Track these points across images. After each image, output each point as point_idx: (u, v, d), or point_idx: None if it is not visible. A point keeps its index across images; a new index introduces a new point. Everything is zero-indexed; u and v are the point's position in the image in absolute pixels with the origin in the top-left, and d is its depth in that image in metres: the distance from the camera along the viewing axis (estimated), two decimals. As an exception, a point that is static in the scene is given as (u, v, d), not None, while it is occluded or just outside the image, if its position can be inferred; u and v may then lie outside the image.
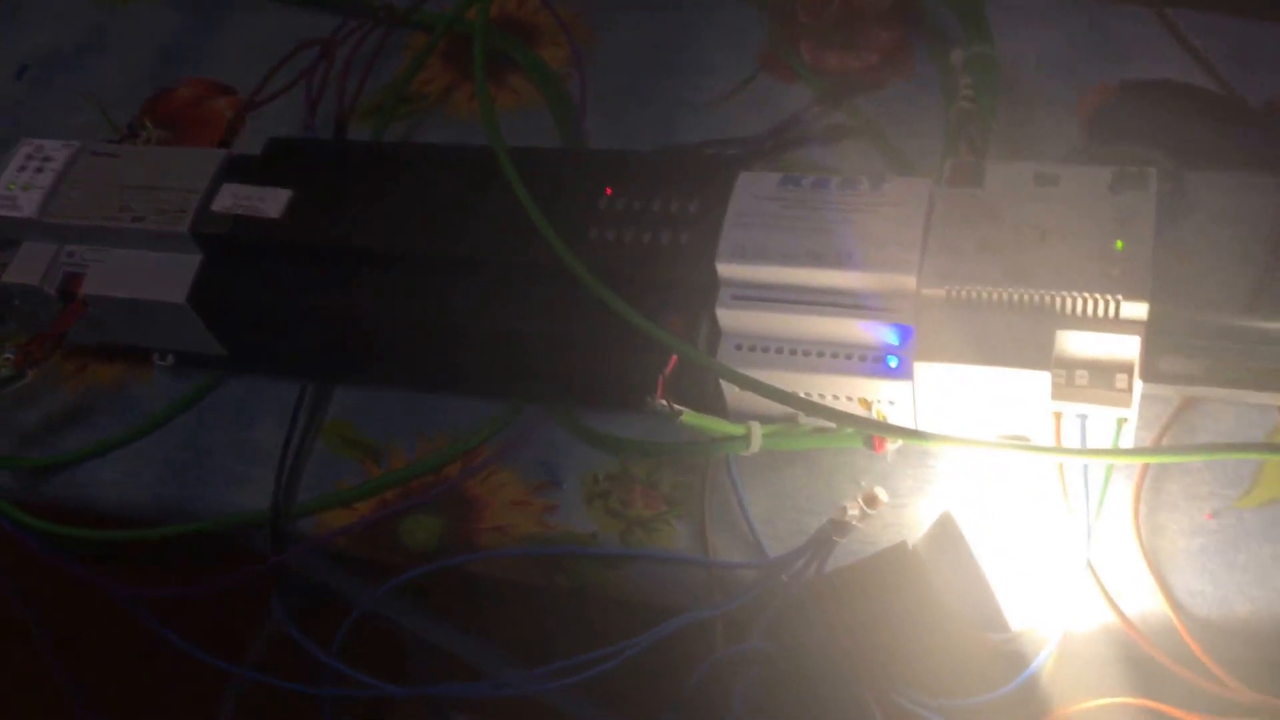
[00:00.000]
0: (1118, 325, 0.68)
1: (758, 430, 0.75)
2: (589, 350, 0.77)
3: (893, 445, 0.76)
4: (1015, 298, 0.69)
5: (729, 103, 0.94)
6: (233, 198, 0.80)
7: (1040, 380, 0.68)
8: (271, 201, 0.79)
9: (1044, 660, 0.67)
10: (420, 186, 0.81)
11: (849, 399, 0.74)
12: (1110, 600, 0.69)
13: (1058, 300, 0.69)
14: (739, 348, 0.75)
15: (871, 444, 0.76)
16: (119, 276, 0.81)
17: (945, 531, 0.70)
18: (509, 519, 0.80)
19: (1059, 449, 0.69)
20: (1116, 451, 0.68)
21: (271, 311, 0.80)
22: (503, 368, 0.81)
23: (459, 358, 0.81)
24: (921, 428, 0.74)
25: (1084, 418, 0.70)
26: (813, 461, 0.78)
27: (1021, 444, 0.70)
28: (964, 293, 0.70)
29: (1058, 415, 0.70)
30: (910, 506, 0.75)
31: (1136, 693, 0.67)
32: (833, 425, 0.73)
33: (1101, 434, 0.70)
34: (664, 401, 0.72)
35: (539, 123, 0.96)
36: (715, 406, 0.77)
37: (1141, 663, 0.68)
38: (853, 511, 0.72)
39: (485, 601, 0.79)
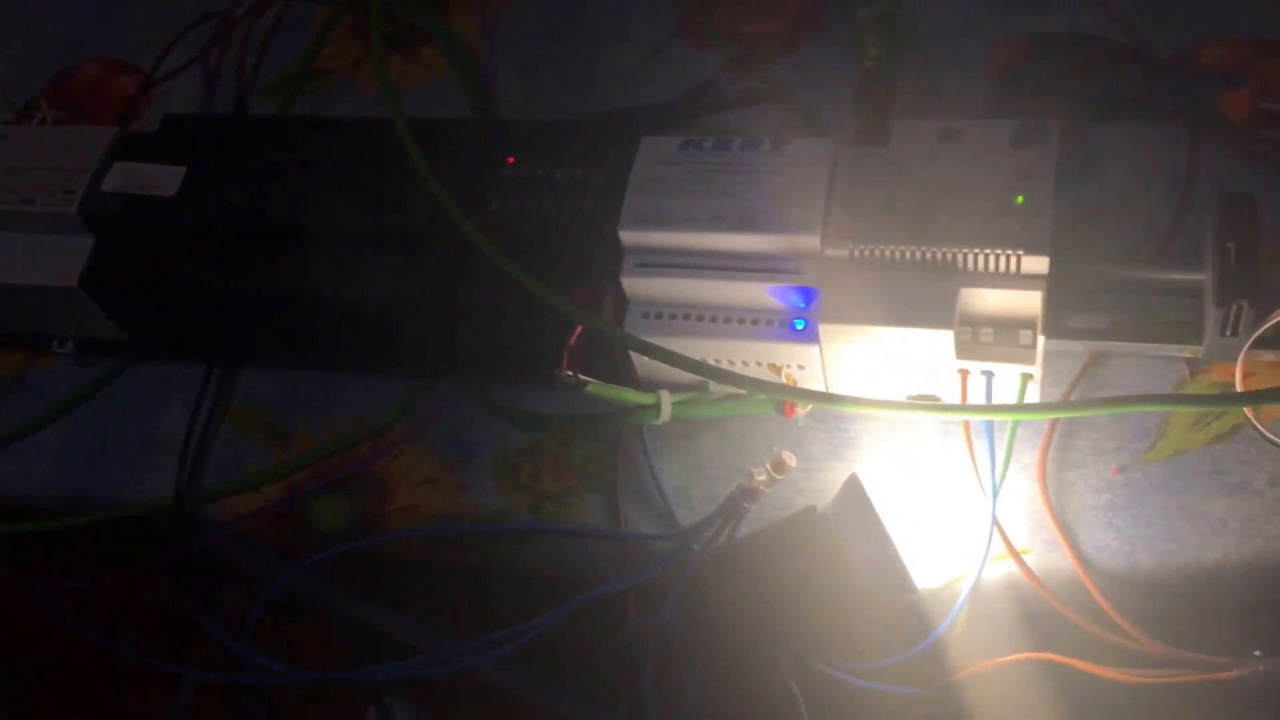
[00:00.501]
0: (1019, 281, 0.68)
1: (667, 399, 0.74)
2: (493, 324, 0.76)
3: (804, 410, 0.76)
4: (918, 256, 0.69)
5: (643, 70, 0.93)
6: (125, 176, 0.78)
7: (944, 339, 0.68)
8: (166, 180, 0.77)
9: (952, 619, 0.67)
10: (320, 161, 0.79)
11: (758, 364, 0.73)
12: (1017, 557, 0.68)
13: (960, 258, 0.68)
14: (646, 316, 0.74)
15: (782, 409, 0.75)
16: (8, 262, 0.79)
17: (852, 495, 0.69)
18: (420, 498, 0.79)
19: (962, 407, 0.69)
20: (1020, 408, 0.68)
21: (167, 294, 0.78)
22: (408, 345, 0.80)
23: (364, 336, 0.79)
24: (832, 390, 0.74)
25: (990, 375, 0.69)
26: (725, 429, 0.77)
27: (926, 404, 0.70)
28: (868, 252, 0.70)
29: (963, 373, 0.69)
30: (823, 470, 0.75)
31: (1045, 648, 0.66)
32: (743, 391, 0.73)
33: (1008, 391, 0.69)
34: (570, 373, 0.71)
35: (451, 94, 0.94)
36: (627, 377, 0.76)
37: (1049, 618, 0.67)
38: (760, 477, 0.71)
39: (396, 583, 0.78)
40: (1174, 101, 0.81)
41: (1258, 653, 0.63)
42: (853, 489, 0.69)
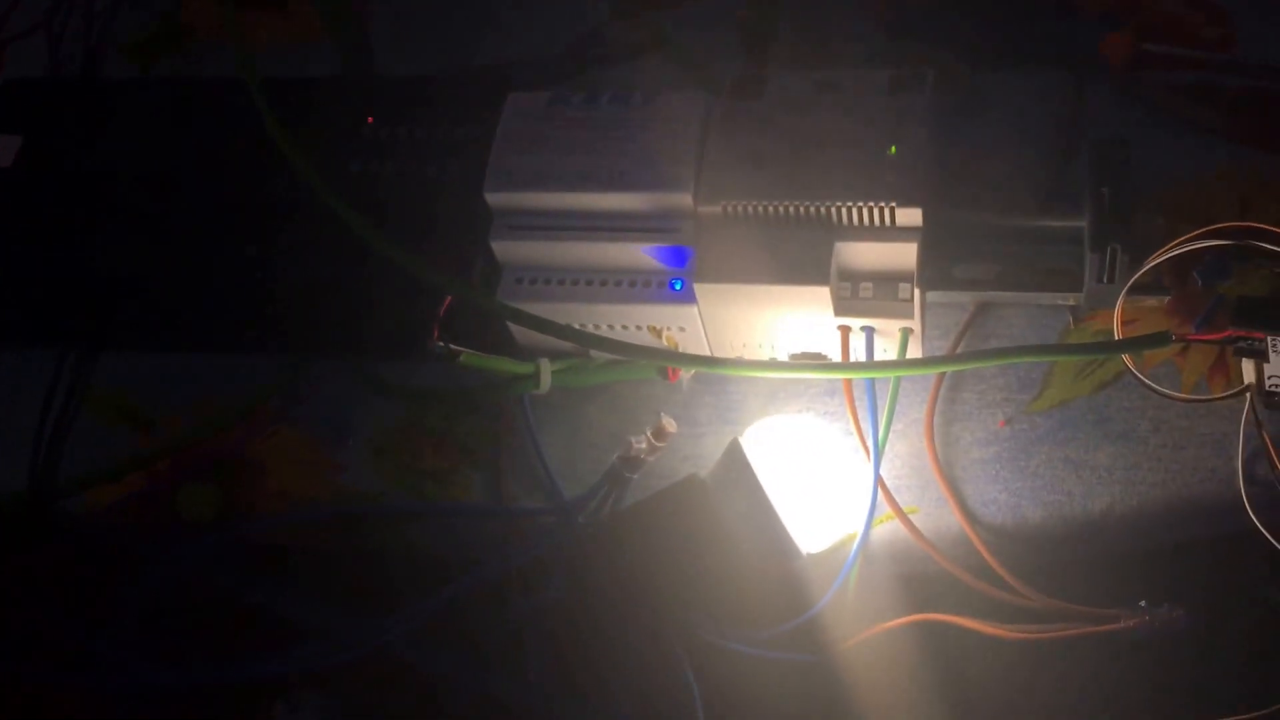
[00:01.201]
0: (894, 233, 0.66)
1: (546, 367, 0.72)
2: (359, 295, 0.73)
3: (687, 373, 0.74)
4: (793, 211, 0.67)
5: (528, 24, 0.89)
6: (-46, 148, 0.74)
7: (820, 295, 0.66)
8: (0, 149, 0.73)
9: (840, 584, 0.65)
10: (170, 126, 0.75)
11: (638, 327, 0.71)
12: (903, 517, 0.67)
13: (834, 211, 0.66)
14: (520, 281, 0.71)
15: (666, 373, 0.73)
16: None
17: (733, 460, 0.67)
18: (294, 482, 0.76)
19: (840, 366, 0.67)
20: (897, 364, 0.66)
21: (4, 273, 0.74)
22: (273, 319, 0.76)
23: (223, 312, 0.76)
24: (715, 351, 0.72)
25: (870, 330, 0.67)
26: (610, 396, 0.75)
27: (804, 364, 0.68)
28: (741, 208, 0.67)
29: (844, 330, 0.68)
30: (709, 435, 0.73)
31: (935, 608, 0.65)
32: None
33: (892, 346, 0.68)
34: (441, 344, 0.68)
35: (323, 52, 0.90)
36: (508, 345, 0.73)
37: (939, 578, 0.66)
38: (641, 445, 0.69)
39: (271, 572, 0.75)
40: (1057, 46, 0.79)
41: (1143, 603, 0.62)
42: (733, 454, 0.67)
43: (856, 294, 0.67)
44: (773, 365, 0.69)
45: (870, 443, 0.66)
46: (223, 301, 0.75)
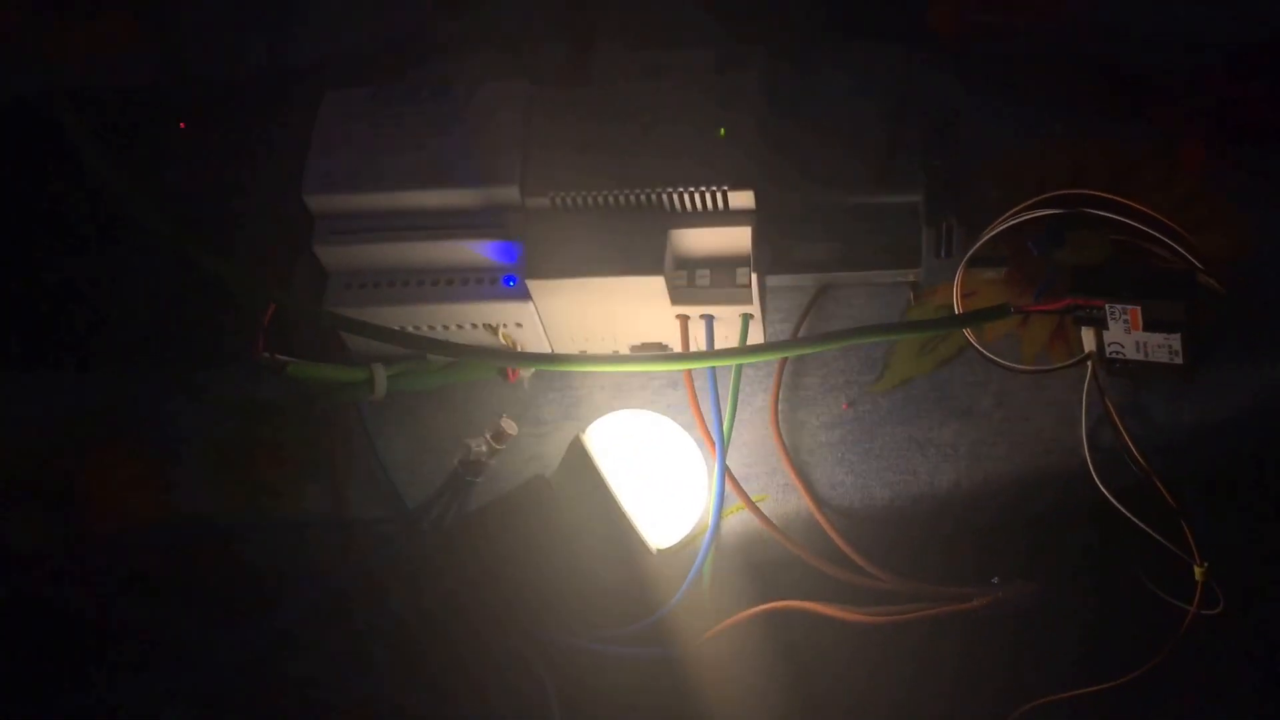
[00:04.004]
0: (728, 218, 0.64)
1: (381, 373, 0.69)
2: (180, 306, 0.69)
3: (527, 372, 0.71)
4: (623, 199, 0.65)
5: (342, 18, 0.86)
6: None
7: (656, 285, 0.64)
8: None
9: (693, 578, 0.64)
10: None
11: (474, 326, 0.68)
12: (752, 506, 0.66)
13: (665, 198, 0.64)
14: (349, 287, 0.68)
15: (505, 373, 0.71)
16: None
17: (576, 458, 0.65)
18: (124, 504, 0.72)
19: (677, 357, 0.65)
20: (732, 352, 0.64)
21: None
22: (91, 335, 0.72)
23: (40, 325, 0.72)
24: (555, 345, 0.70)
25: (710, 318, 0.66)
26: (449, 398, 0.72)
27: (641, 357, 0.66)
28: (570, 199, 0.65)
29: (682, 319, 0.66)
30: (555, 433, 0.71)
31: (791, 595, 0.64)
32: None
33: (733, 333, 0.66)
34: (267, 354, 0.65)
35: (136, 57, 0.86)
36: (341, 350, 0.70)
37: (792, 565, 0.65)
38: (480, 448, 0.67)
39: (104, 600, 0.71)
40: (885, 19, 0.78)
41: (996, 579, 0.62)
42: (576, 453, 0.65)
43: (694, 281, 0.65)
44: (609, 360, 0.67)
45: (715, 433, 0.65)
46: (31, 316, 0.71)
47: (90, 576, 0.72)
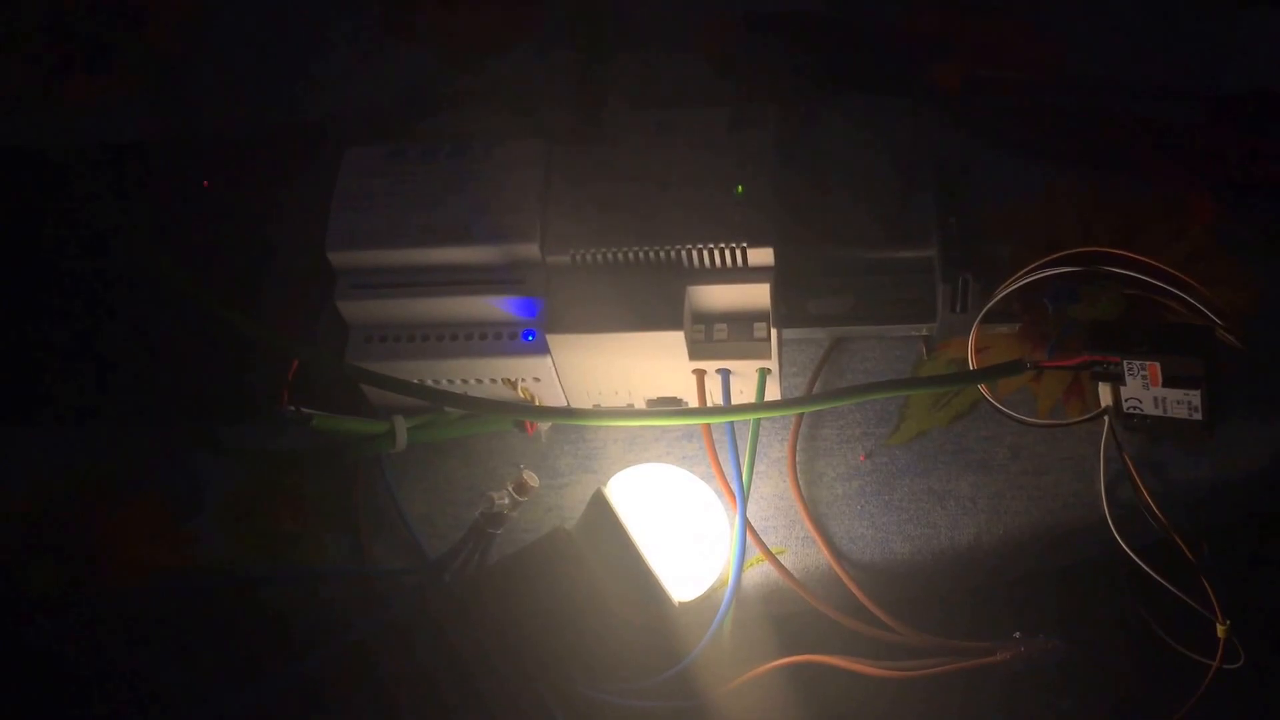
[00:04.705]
0: (747, 274, 0.65)
1: (402, 425, 0.69)
2: (199, 363, 0.70)
3: (544, 425, 0.72)
4: (642, 256, 0.66)
5: (354, 74, 0.87)
6: None
7: (675, 340, 0.65)
8: None
9: (715, 630, 0.64)
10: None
11: (493, 380, 0.69)
12: (772, 559, 0.66)
13: (684, 254, 0.65)
14: (369, 340, 0.69)
15: (523, 425, 0.72)
16: None
17: (598, 510, 0.66)
18: (144, 555, 0.72)
19: (696, 412, 0.66)
20: (751, 408, 0.65)
21: None
22: (115, 390, 0.73)
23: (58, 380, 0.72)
24: (572, 400, 0.70)
25: (726, 373, 0.66)
26: (468, 450, 0.73)
27: (659, 411, 0.66)
28: (590, 256, 0.66)
29: (699, 374, 0.67)
30: (572, 485, 0.71)
31: (810, 649, 0.64)
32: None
33: (749, 387, 0.67)
34: (292, 408, 0.66)
35: (150, 111, 0.87)
36: (360, 403, 0.71)
37: (812, 618, 0.65)
38: (503, 500, 0.67)
39: (118, 646, 0.71)
40: (892, 76, 0.79)
41: (1018, 634, 0.62)
42: (598, 505, 0.66)
43: (711, 336, 0.66)
44: (628, 414, 0.68)
45: (734, 486, 0.65)
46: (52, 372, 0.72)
47: (107, 627, 0.72)
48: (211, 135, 0.80)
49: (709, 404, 0.67)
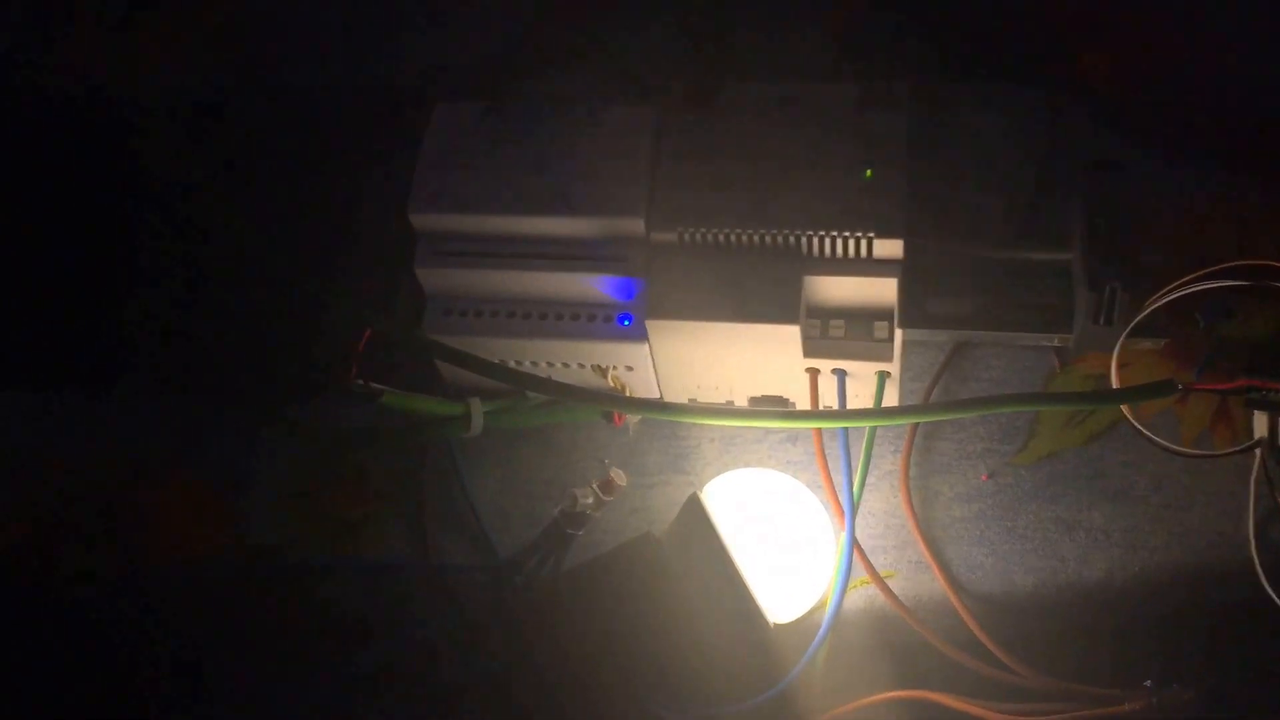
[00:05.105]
0: (871, 266, 0.59)
1: (478, 408, 0.64)
2: (265, 326, 0.64)
3: (633, 417, 0.66)
4: (757, 240, 0.60)
5: (447, 29, 0.81)
6: None
7: (789, 335, 0.59)
8: None
9: (811, 655, 0.58)
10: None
11: (581, 365, 0.64)
12: (880, 583, 0.60)
13: (804, 241, 0.59)
14: (448, 313, 0.63)
15: (610, 415, 0.66)
16: None
17: (692, 517, 0.60)
18: (194, 533, 0.67)
19: (811, 414, 0.60)
20: (875, 413, 0.59)
21: None
22: (179, 364, 0.68)
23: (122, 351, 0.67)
24: (665, 391, 0.65)
25: (842, 374, 0.61)
26: (548, 437, 0.68)
27: (769, 411, 0.61)
28: (700, 236, 0.60)
29: (812, 373, 0.61)
30: (660, 486, 0.66)
31: (916, 684, 0.59)
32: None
33: (864, 390, 0.61)
34: (360, 382, 0.61)
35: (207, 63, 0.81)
36: (431, 382, 0.66)
37: (920, 650, 0.60)
38: (587, 500, 0.61)
39: (172, 635, 0.66)
40: (1034, 59, 0.73)
41: (1149, 683, 0.57)
42: (693, 512, 0.60)
43: (826, 333, 0.60)
44: (731, 412, 0.62)
45: (843, 500, 0.59)
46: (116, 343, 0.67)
47: (154, 608, 0.67)
48: (296, 91, 0.74)
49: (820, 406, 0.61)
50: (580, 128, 0.63)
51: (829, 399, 0.62)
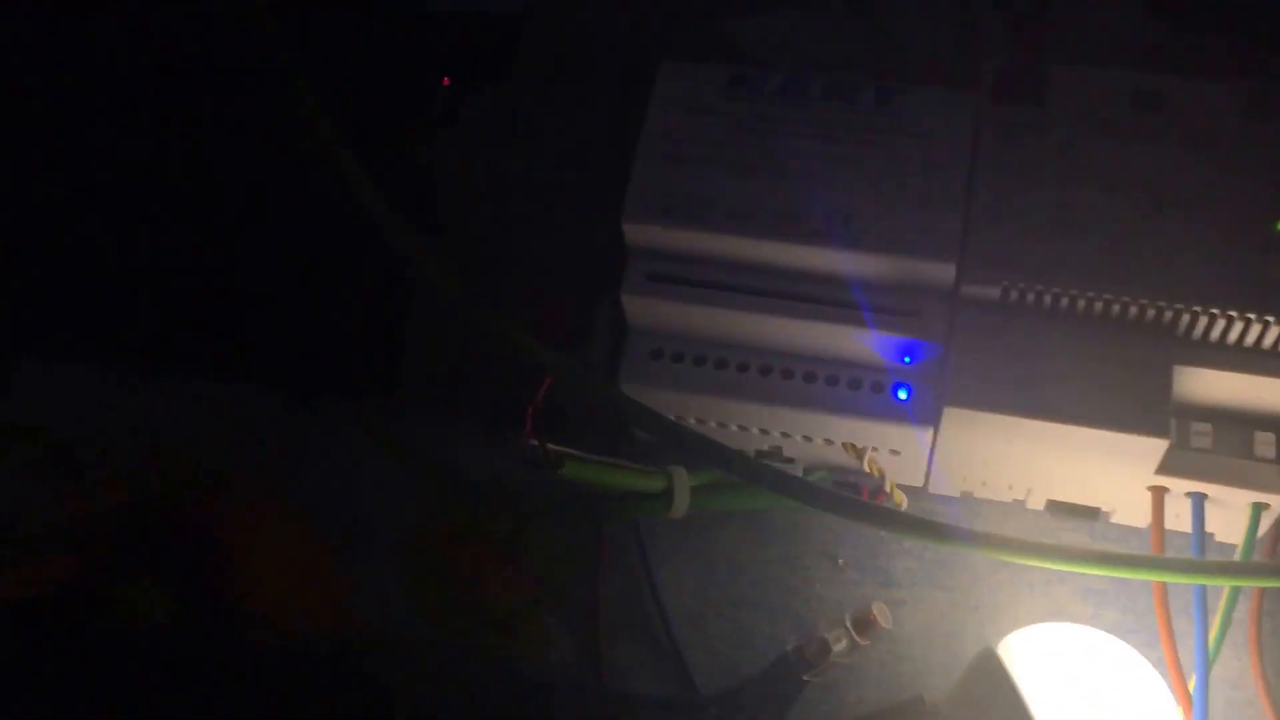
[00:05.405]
0: (1268, 361, 0.42)
1: (684, 481, 0.49)
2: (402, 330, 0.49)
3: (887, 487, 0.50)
4: (1115, 309, 0.43)
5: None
6: None
7: (1151, 449, 0.42)
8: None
9: None
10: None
11: (828, 441, 0.47)
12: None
13: (1181, 317, 0.42)
14: (657, 356, 0.48)
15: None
16: None
17: (987, 679, 0.44)
18: (285, 591, 0.51)
19: (1174, 563, 0.42)
20: (1252, 570, 0.42)
21: None
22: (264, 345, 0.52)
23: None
24: (934, 481, 0.49)
25: (1200, 499, 0.44)
26: (760, 520, 0.51)
27: (1107, 556, 0.43)
28: (1030, 295, 0.44)
29: (1158, 492, 0.44)
30: (911, 604, 0.50)
31: None
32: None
33: (1227, 521, 0.45)
34: (535, 442, 0.45)
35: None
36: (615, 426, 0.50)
37: None
38: (839, 644, 0.45)
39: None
40: None
41: None
42: (988, 671, 0.44)
43: (1188, 443, 0.44)
44: (1055, 552, 0.43)
45: (1197, 672, 0.43)
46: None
47: (217, 685, 0.52)
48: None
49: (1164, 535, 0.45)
50: (865, 116, 0.46)
51: (1174, 524, 0.45)
